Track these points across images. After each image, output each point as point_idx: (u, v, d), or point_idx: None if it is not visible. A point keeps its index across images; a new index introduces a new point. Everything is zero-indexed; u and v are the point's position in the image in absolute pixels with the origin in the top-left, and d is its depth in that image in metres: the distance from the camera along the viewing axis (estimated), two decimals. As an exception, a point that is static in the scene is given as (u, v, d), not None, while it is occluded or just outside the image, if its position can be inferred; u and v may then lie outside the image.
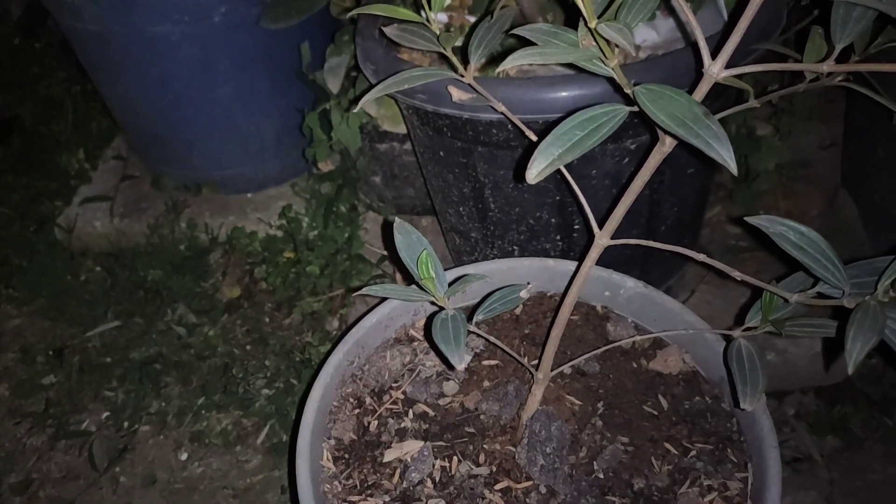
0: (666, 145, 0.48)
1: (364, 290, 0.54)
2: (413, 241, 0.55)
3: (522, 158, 0.75)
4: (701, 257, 0.52)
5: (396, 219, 0.56)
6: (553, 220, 0.83)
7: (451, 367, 0.65)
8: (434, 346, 0.70)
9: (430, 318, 0.63)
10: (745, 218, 0.44)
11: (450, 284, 0.52)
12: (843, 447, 0.91)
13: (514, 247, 0.89)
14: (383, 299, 0.74)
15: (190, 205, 1.34)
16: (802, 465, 0.89)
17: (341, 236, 1.20)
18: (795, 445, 0.91)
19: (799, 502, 0.86)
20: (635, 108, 0.42)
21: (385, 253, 1.18)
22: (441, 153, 0.84)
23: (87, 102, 1.60)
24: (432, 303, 0.53)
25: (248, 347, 1.11)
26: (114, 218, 1.34)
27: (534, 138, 0.54)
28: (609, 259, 0.70)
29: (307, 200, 1.29)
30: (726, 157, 0.36)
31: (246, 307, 1.19)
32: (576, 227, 0.84)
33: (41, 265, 1.29)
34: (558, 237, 0.85)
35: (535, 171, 0.44)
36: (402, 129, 1.08)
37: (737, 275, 0.49)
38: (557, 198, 0.80)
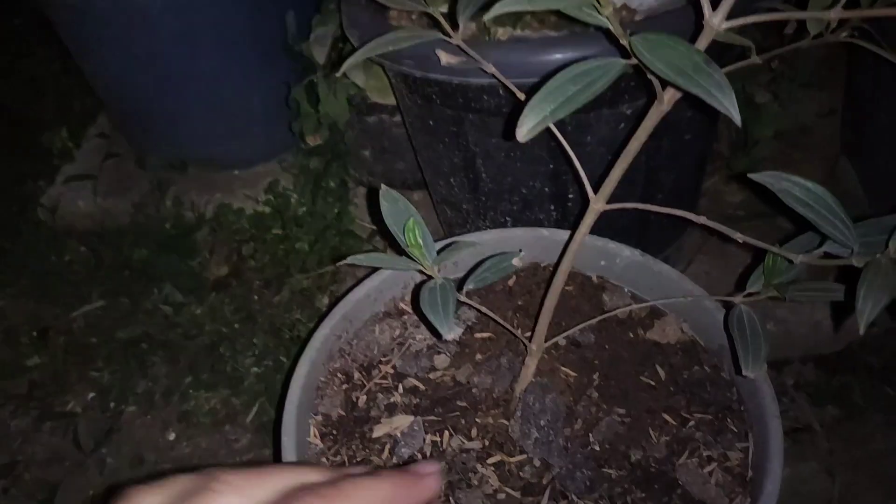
0: (664, 104, 0.46)
1: (350, 259, 0.51)
2: (400, 209, 0.53)
3: (512, 117, 0.72)
4: (701, 219, 0.49)
5: (383, 186, 0.53)
6: (547, 190, 0.81)
7: (439, 337, 0.63)
8: (423, 318, 0.67)
9: (418, 288, 0.61)
10: (749, 175, 0.42)
11: (438, 253, 0.50)
12: (844, 417, 0.90)
13: (507, 218, 0.86)
14: (371, 272, 0.72)
15: (176, 183, 1.31)
16: (802, 436, 0.88)
17: (331, 212, 1.18)
18: (795, 416, 0.90)
19: (798, 473, 0.85)
20: (632, 61, 0.40)
21: (375, 228, 1.16)
22: (431, 122, 0.81)
23: (69, 80, 1.56)
24: (421, 272, 0.51)
25: (237, 326, 1.09)
26: (98, 197, 1.31)
27: (523, 97, 0.52)
28: (604, 229, 0.68)
29: (295, 176, 1.26)
30: (729, 106, 0.34)
31: (234, 285, 1.16)
32: (570, 196, 0.81)
33: (24, 246, 1.26)
34: (552, 207, 0.83)
35: (526, 129, 0.42)
36: (391, 101, 1.05)
37: (738, 237, 0.47)
38: (551, 166, 0.78)
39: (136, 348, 1.06)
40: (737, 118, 0.34)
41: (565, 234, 0.72)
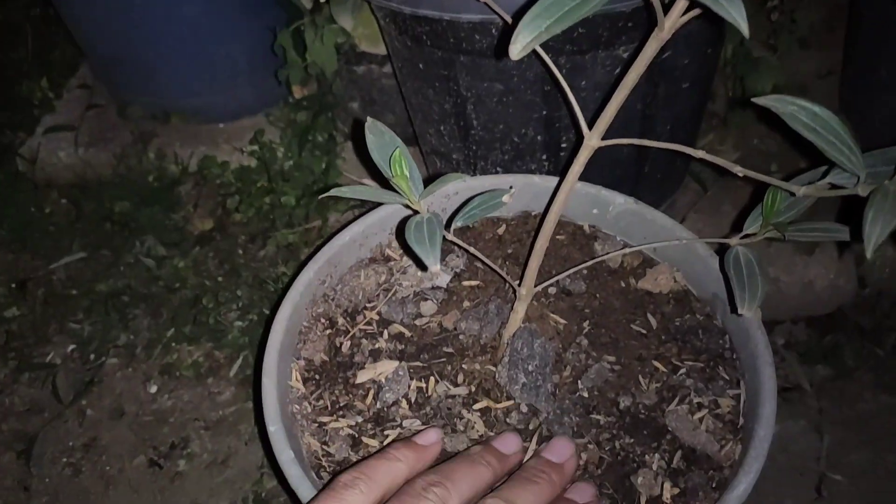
0: (664, 31, 0.43)
1: (333, 192, 0.49)
2: (385, 142, 0.51)
3: (504, 37, 0.69)
4: (700, 154, 0.47)
5: (368, 118, 0.51)
6: (539, 138, 0.79)
7: (425, 269, 0.61)
8: (409, 252, 0.66)
9: (403, 222, 0.59)
10: (753, 99, 0.40)
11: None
12: (834, 377, 0.89)
13: (498, 168, 0.84)
14: (356, 218, 0.70)
15: (158, 135, 1.27)
16: (791, 395, 0.87)
17: (318, 166, 1.15)
18: (785, 375, 0.89)
19: (787, 431, 0.84)
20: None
21: (362, 181, 1.13)
22: (420, 66, 0.79)
23: (48, 28, 1.51)
24: (407, 206, 0.49)
25: (220, 279, 1.07)
26: (79, 148, 1.28)
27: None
28: (597, 182, 0.66)
29: (282, 130, 1.23)
30: (736, 15, 0.32)
31: (218, 239, 1.14)
32: (563, 144, 0.79)
33: (2, 197, 1.23)
34: (544, 156, 0.81)
35: (520, 46, 0.39)
36: (380, 50, 1.02)
37: (738, 170, 0.45)
38: (544, 112, 0.75)
39: (118, 301, 1.04)
40: (745, 29, 0.32)
41: (556, 180, 0.70)
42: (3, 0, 1.59)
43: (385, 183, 0.51)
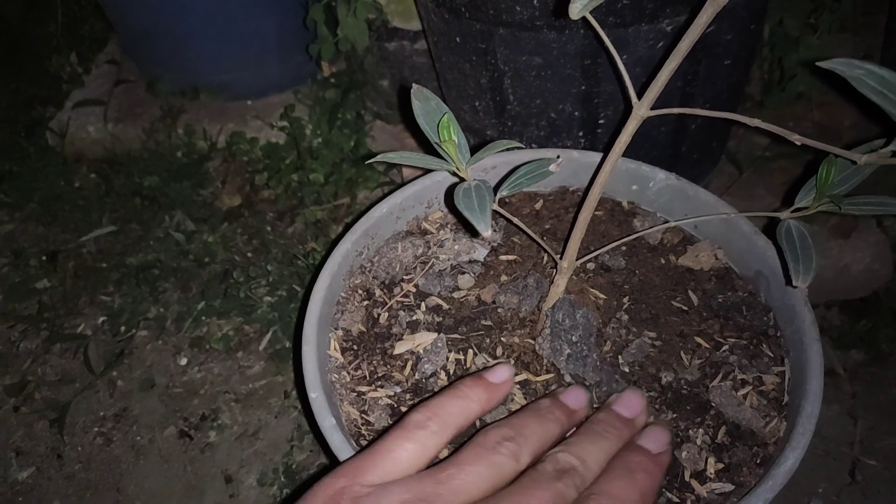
0: (721, -4, 0.42)
1: (379, 157, 0.49)
2: (432, 108, 0.50)
3: (559, 4, 0.68)
4: (756, 122, 0.46)
5: (414, 84, 0.50)
6: (577, 114, 0.78)
7: (476, 234, 0.61)
8: (458, 216, 0.66)
9: (451, 189, 0.59)
10: (818, 63, 0.39)
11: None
12: (868, 362, 0.88)
13: (533, 145, 0.83)
14: (387, 194, 0.69)
15: (187, 110, 1.28)
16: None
17: (347, 144, 1.15)
18: (819, 359, 0.88)
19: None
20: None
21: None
22: (458, 39, 0.78)
23: (78, 3, 1.51)
24: (453, 174, 0.48)
25: (250, 255, 1.07)
26: (108, 123, 1.28)
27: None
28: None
29: (310, 107, 1.22)
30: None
31: (247, 216, 1.14)
32: (601, 121, 0.78)
33: (33, 170, 1.24)
34: (581, 133, 0.80)
35: (581, 5, 0.39)
36: (413, 26, 1.02)
37: (796, 138, 0.44)
38: (583, 87, 0.74)
39: (148, 274, 1.04)
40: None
41: (596, 156, 0.69)
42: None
43: (429, 153, 0.50)
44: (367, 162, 0.50)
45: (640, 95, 0.47)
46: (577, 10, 0.38)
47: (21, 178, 1.22)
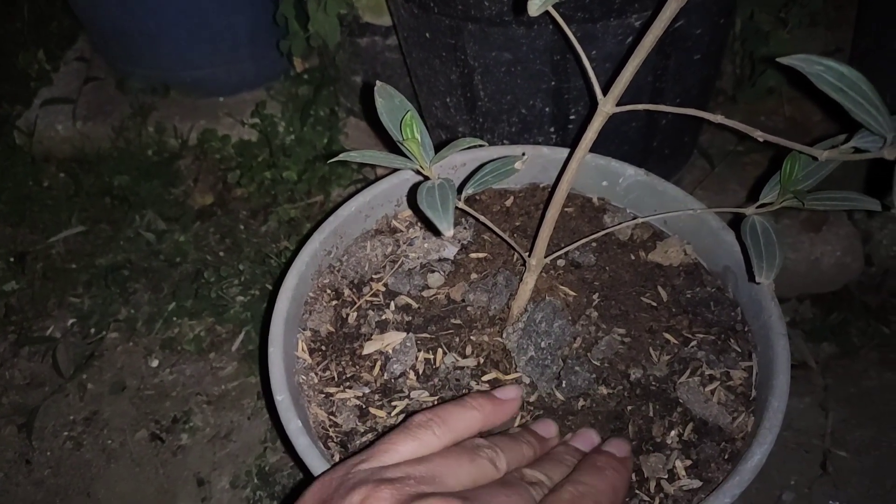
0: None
1: (343, 156, 0.48)
2: (396, 105, 0.49)
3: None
4: (718, 118, 0.46)
5: (377, 81, 0.50)
6: (547, 110, 0.77)
7: (438, 234, 0.61)
8: (420, 217, 0.65)
9: (414, 188, 0.58)
10: (778, 59, 0.39)
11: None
12: (839, 354, 0.89)
13: (505, 141, 0.83)
14: (362, 189, 0.68)
15: (158, 108, 1.26)
16: (797, 372, 0.87)
17: (320, 141, 1.14)
18: (790, 352, 0.88)
19: (792, 408, 0.84)
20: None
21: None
22: (427, 34, 0.77)
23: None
24: (417, 172, 0.48)
25: (222, 254, 1.06)
26: (77, 121, 1.26)
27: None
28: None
29: (283, 104, 1.21)
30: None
31: (219, 214, 1.13)
32: (571, 117, 0.78)
33: (0, 170, 1.21)
34: (552, 129, 0.79)
35: (540, 1, 0.38)
36: (385, 22, 1.01)
37: (758, 134, 0.44)
38: (553, 83, 0.74)
39: (118, 275, 1.03)
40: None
41: (565, 151, 0.69)
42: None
43: (395, 151, 0.50)
44: (329, 161, 0.49)
45: (605, 91, 0.47)
46: (535, 7, 0.38)
47: (-12, 178, 1.20)
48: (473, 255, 0.66)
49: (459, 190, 0.49)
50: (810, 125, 1.06)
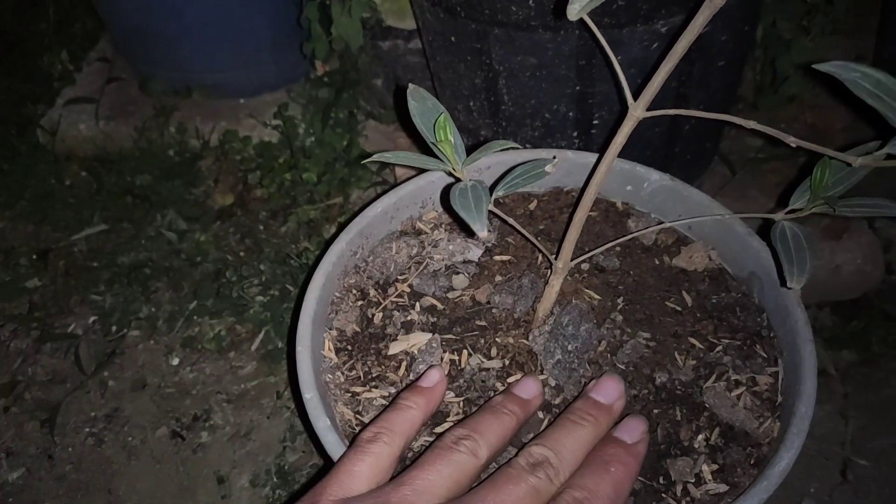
0: (718, -3, 0.43)
1: (375, 157, 0.49)
2: (429, 108, 0.50)
3: (558, 4, 0.67)
4: (751, 124, 0.46)
5: (411, 84, 0.50)
6: (571, 115, 0.78)
7: (472, 235, 0.62)
8: (454, 217, 0.66)
9: (447, 189, 0.59)
10: (814, 65, 0.39)
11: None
12: (859, 362, 0.88)
13: (528, 144, 0.83)
14: (382, 193, 0.69)
15: (179, 109, 1.27)
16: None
17: (340, 143, 1.14)
18: (811, 359, 0.88)
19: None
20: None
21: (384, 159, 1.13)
22: (453, 38, 0.78)
23: (69, 0, 1.50)
24: (449, 174, 0.48)
25: (242, 254, 1.06)
26: (99, 121, 1.27)
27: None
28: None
29: (304, 106, 1.22)
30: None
31: (239, 215, 1.13)
32: (595, 122, 0.78)
33: (24, 168, 1.23)
34: (575, 133, 0.80)
35: (579, 6, 0.39)
36: (407, 25, 1.01)
37: (791, 140, 0.44)
38: (578, 87, 0.75)
39: (139, 273, 1.04)
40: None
41: (591, 156, 0.69)
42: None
43: (426, 152, 0.50)
44: (363, 162, 0.50)
45: (635, 97, 0.47)
46: (575, 11, 0.38)
47: (12, 176, 1.21)
48: (498, 258, 0.66)
49: (490, 191, 0.49)
50: (832, 132, 1.06)
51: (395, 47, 1.04)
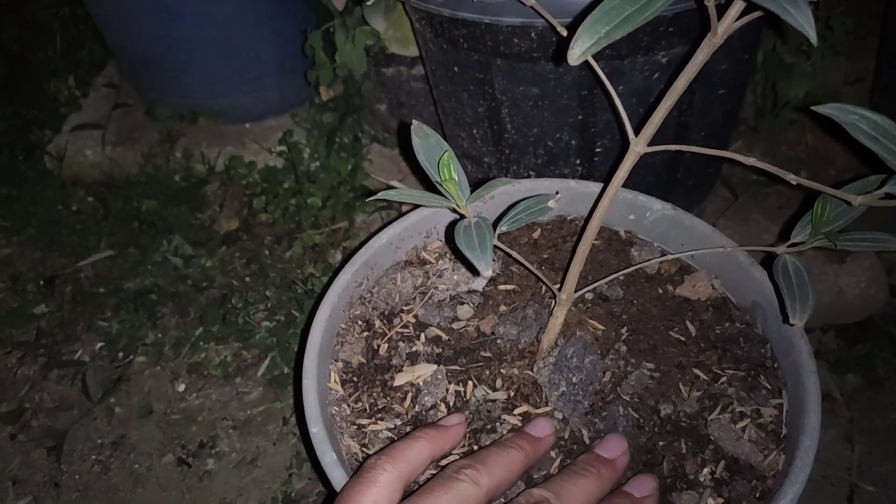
0: (718, 36, 0.43)
1: (380, 195, 0.49)
2: (432, 145, 0.51)
3: (560, 47, 0.69)
4: (751, 161, 0.47)
5: (414, 121, 0.51)
6: (573, 143, 0.78)
7: (476, 273, 0.62)
8: (458, 255, 0.66)
9: (451, 227, 0.59)
10: (813, 107, 0.40)
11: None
12: (864, 386, 0.88)
13: (531, 172, 0.84)
14: (389, 222, 0.70)
15: (185, 134, 1.28)
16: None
17: (344, 167, 1.15)
18: (816, 384, 0.88)
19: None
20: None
21: (389, 183, 1.13)
22: (455, 69, 0.79)
23: (77, 27, 1.53)
24: (453, 210, 0.49)
25: (248, 279, 1.07)
26: (106, 147, 1.29)
27: (564, 32, 0.49)
28: (630, 188, 0.66)
29: (308, 131, 1.23)
30: (804, 23, 0.32)
31: (244, 239, 1.14)
32: (597, 150, 0.79)
33: (31, 194, 1.24)
34: (578, 161, 0.80)
35: (579, 51, 0.39)
36: (410, 52, 1.03)
37: (791, 178, 0.45)
38: (580, 117, 0.75)
39: (146, 299, 1.04)
40: (812, 36, 0.32)
41: (594, 185, 0.70)
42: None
43: (428, 185, 0.51)
44: (368, 200, 0.50)
45: (636, 131, 0.48)
46: (576, 57, 0.39)
47: (19, 202, 1.23)
48: (502, 287, 0.67)
49: (494, 226, 0.50)
50: (833, 155, 1.06)
51: (398, 74, 1.05)
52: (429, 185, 0.49)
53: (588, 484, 0.43)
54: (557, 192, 0.52)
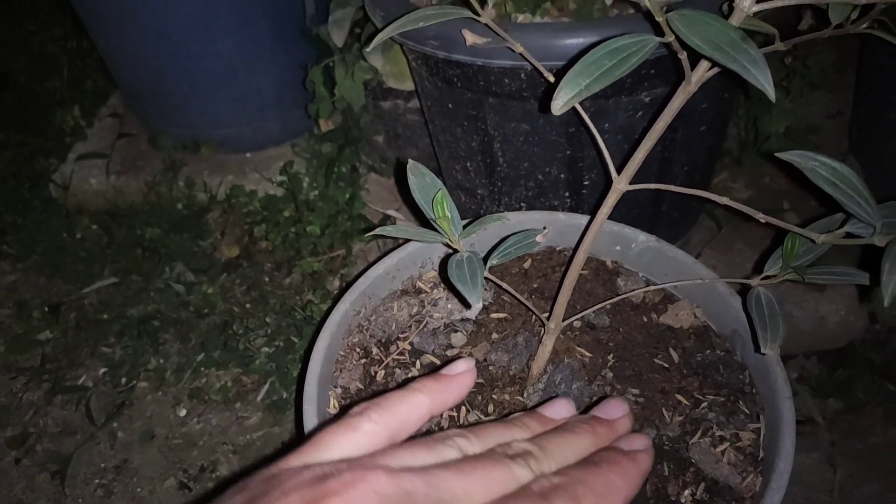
0: (691, 84, 0.47)
1: (378, 231, 0.52)
2: (427, 183, 0.54)
3: (546, 94, 0.73)
4: (724, 200, 0.51)
5: (410, 160, 0.54)
6: (563, 176, 0.82)
7: (468, 306, 0.65)
8: (450, 288, 0.69)
9: (445, 260, 0.62)
10: (776, 154, 0.43)
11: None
12: (845, 410, 0.91)
13: (522, 204, 0.87)
14: (387, 253, 0.73)
15: (188, 164, 1.32)
16: (804, 428, 0.89)
17: (342, 196, 1.19)
18: (798, 408, 0.91)
19: (800, 464, 0.86)
20: (665, 39, 0.41)
21: (386, 213, 1.17)
22: (450, 105, 0.82)
23: (82, 59, 1.57)
24: (447, 245, 0.52)
25: (248, 306, 1.10)
26: (110, 175, 1.32)
27: (552, 79, 0.53)
28: (616, 220, 0.69)
29: (307, 160, 1.27)
30: (764, 81, 0.35)
31: (245, 266, 1.17)
32: (585, 183, 0.83)
33: (36, 222, 1.27)
34: (567, 194, 0.84)
35: (562, 102, 0.43)
36: (407, 87, 1.07)
37: (760, 217, 0.48)
38: (568, 152, 0.79)
39: (148, 325, 1.07)
40: (771, 93, 0.35)
41: (581, 218, 0.73)
42: (41, 30, 1.65)
43: (422, 216, 0.54)
44: (366, 235, 0.53)
45: (620, 167, 0.52)
46: (558, 107, 0.42)
47: (24, 230, 1.26)
48: (494, 315, 0.70)
49: (485, 260, 0.53)
50: (815, 186, 1.10)
51: (395, 107, 1.09)
52: (423, 216, 0.52)
53: (580, 442, 0.37)
54: (545, 228, 0.55)
